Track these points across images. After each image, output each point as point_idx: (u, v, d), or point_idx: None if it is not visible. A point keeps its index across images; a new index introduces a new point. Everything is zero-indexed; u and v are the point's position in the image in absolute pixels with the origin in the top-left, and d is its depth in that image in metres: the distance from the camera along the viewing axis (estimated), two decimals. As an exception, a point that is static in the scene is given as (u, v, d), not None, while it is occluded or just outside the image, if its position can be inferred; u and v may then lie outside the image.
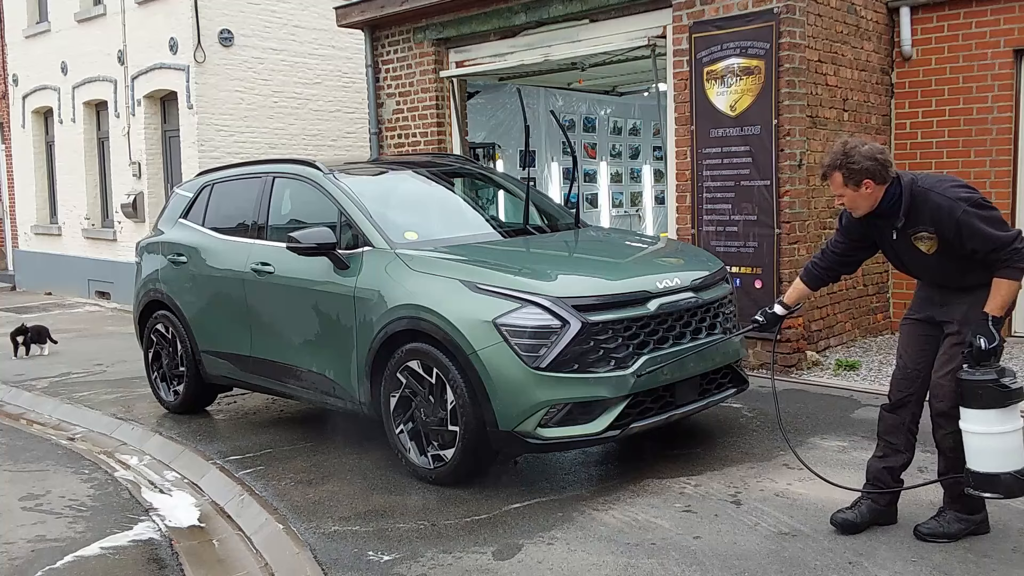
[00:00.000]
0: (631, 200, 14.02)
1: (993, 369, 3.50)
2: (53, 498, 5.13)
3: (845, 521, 3.93)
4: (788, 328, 7.01)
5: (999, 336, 3.54)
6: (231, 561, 4.26)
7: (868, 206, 3.75)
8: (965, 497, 3.72)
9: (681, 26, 7.40)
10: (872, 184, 3.67)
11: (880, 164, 3.66)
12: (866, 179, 3.66)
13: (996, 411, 3.48)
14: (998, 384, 3.45)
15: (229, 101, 12.03)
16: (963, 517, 3.81)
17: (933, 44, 8.01)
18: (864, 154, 3.65)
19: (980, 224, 3.55)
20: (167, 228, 6.75)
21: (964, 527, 3.80)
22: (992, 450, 3.51)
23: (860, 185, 3.68)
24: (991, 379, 3.47)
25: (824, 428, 5.48)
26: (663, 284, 4.72)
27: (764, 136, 6.95)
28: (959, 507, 3.80)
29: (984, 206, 3.61)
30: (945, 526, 3.80)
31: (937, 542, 3.77)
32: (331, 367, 5.28)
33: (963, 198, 3.61)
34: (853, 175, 3.67)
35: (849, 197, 3.74)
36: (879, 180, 3.67)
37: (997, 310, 3.57)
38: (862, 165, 3.64)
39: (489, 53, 9.20)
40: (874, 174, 3.65)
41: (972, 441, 3.57)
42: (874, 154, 3.66)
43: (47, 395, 7.58)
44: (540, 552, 3.85)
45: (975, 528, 3.82)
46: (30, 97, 15.34)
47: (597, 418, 4.42)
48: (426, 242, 5.21)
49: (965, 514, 3.80)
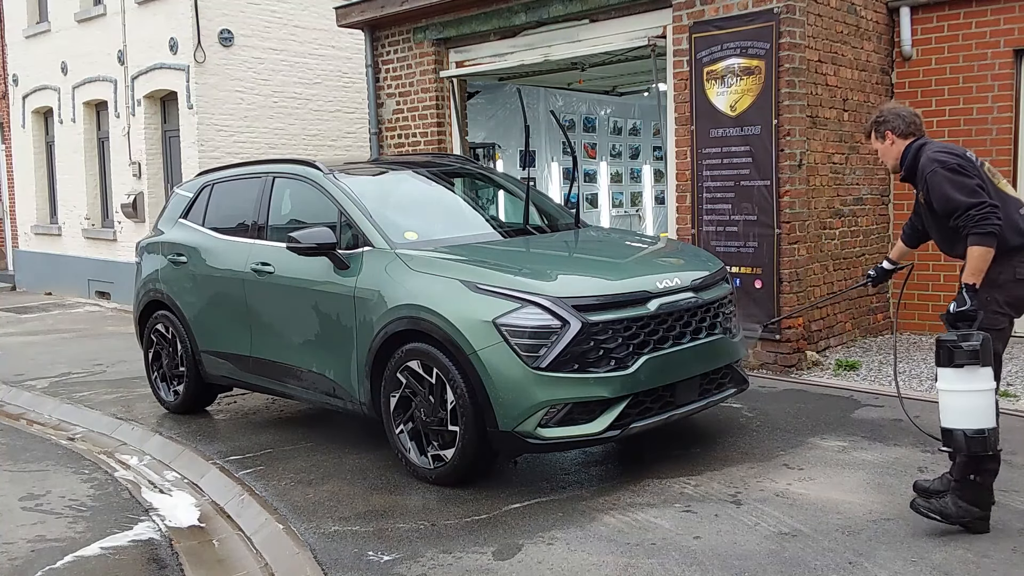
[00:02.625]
0: (631, 200, 14.02)
1: (959, 333, 3.71)
2: (53, 498, 5.13)
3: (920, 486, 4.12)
4: (788, 328, 7.02)
5: (970, 301, 3.72)
6: (231, 561, 4.26)
7: (894, 158, 4.17)
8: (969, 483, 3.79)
9: (681, 26, 7.40)
10: (892, 135, 4.12)
11: (899, 117, 4.12)
12: (887, 130, 4.13)
13: (952, 370, 3.70)
14: (953, 345, 3.67)
15: (229, 101, 12.03)
16: (960, 504, 3.84)
17: (933, 44, 8.02)
18: (889, 108, 4.20)
19: (944, 185, 3.83)
20: (167, 228, 6.75)
21: (960, 513, 3.83)
22: (949, 407, 3.75)
23: (884, 137, 4.15)
24: (949, 340, 3.70)
25: (824, 428, 5.48)
26: (663, 284, 4.72)
27: (764, 136, 6.95)
28: (960, 493, 3.85)
29: (956, 170, 3.84)
30: (942, 505, 3.87)
31: (930, 517, 3.85)
32: (331, 367, 5.28)
33: (939, 160, 3.89)
34: (878, 127, 4.17)
35: (880, 150, 4.22)
36: (898, 133, 4.10)
37: (969, 277, 3.77)
38: (884, 117, 4.15)
39: (489, 53, 9.20)
40: (894, 126, 4.10)
41: (940, 398, 3.81)
42: (898, 110, 4.16)
43: (47, 395, 7.58)
44: (540, 552, 3.85)
45: (972, 523, 3.83)
46: (30, 97, 15.35)
47: (597, 418, 4.42)
48: (426, 242, 5.21)
49: (965, 502, 3.83)
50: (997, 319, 3.88)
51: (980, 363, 3.65)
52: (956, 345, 3.67)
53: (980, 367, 3.66)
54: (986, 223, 3.73)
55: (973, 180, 3.82)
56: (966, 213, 3.76)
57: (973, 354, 3.65)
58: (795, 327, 7.06)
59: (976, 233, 3.75)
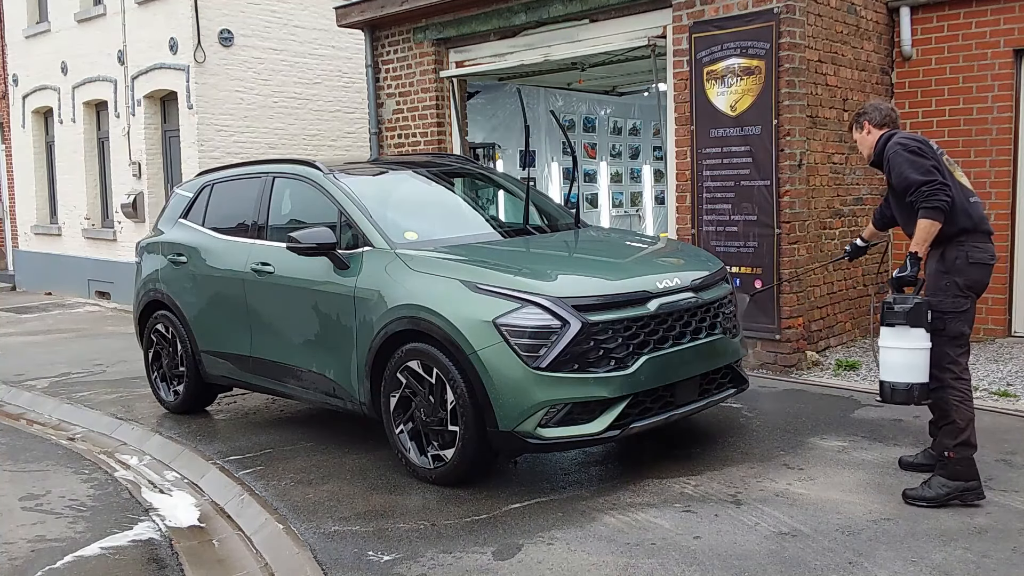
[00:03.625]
0: (631, 200, 14.02)
1: (895, 296, 4.14)
2: (53, 498, 5.13)
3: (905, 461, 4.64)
4: (788, 328, 7.02)
5: (911, 268, 4.11)
6: (231, 561, 4.26)
7: (869, 146, 4.45)
8: (948, 463, 4.13)
9: (681, 26, 7.40)
10: (869, 125, 4.43)
11: (877, 109, 4.43)
12: (865, 120, 4.44)
13: (887, 328, 4.14)
14: (887, 307, 4.13)
15: (229, 101, 12.03)
16: (946, 483, 4.13)
17: (933, 44, 8.02)
18: (870, 103, 4.51)
19: (901, 162, 4.14)
20: (167, 228, 6.75)
21: (945, 493, 4.12)
22: (885, 362, 4.18)
23: (862, 127, 4.46)
24: (887, 302, 4.15)
25: (824, 428, 5.48)
26: (663, 284, 4.72)
27: (764, 136, 6.95)
28: (943, 472, 4.16)
29: (915, 152, 4.14)
30: (927, 491, 4.16)
31: (919, 505, 4.13)
32: (331, 367, 5.28)
33: (900, 143, 4.20)
34: (858, 118, 4.49)
35: (859, 140, 4.51)
36: (874, 123, 4.41)
37: (915, 246, 4.12)
38: (864, 109, 4.47)
39: (489, 53, 9.20)
40: (871, 116, 4.42)
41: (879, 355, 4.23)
42: (877, 104, 4.49)
43: (47, 395, 7.58)
44: (540, 552, 3.85)
45: (963, 495, 4.12)
46: (30, 97, 15.35)
47: (597, 418, 4.42)
48: (426, 242, 5.21)
49: (948, 479, 4.13)
50: (959, 302, 4.19)
51: (909, 324, 4.05)
52: (890, 306, 4.12)
53: (911, 328, 4.06)
54: (934, 198, 4.03)
55: (929, 161, 4.13)
56: (918, 189, 4.07)
57: (903, 314, 4.06)
58: (795, 327, 7.06)
59: (925, 207, 4.05)
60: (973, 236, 4.19)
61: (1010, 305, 7.89)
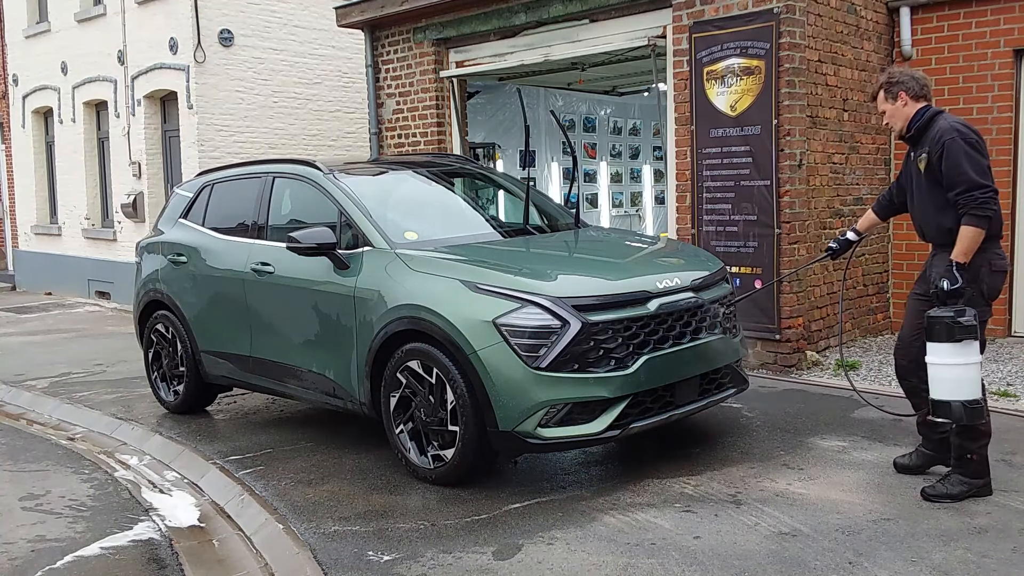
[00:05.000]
0: (631, 200, 14.03)
1: (953, 309, 3.90)
2: (53, 498, 5.13)
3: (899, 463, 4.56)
4: (788, 328, 7.02)
5: (961, 280, 3.90)
6: (231, 561, 4.26)
7: (904, 119, 4.21)
8: (968, 461, 4.09)
9: (681, 26, 7.40)
10: (905, 96, 4.18)
11: (914, 79, 4.19)
12: (901, 91, 4.18)
13: (950, 345, 3.89)
14: (952, 321, 3.87)
15: (229, 101, 12.03)
16: (965, 480, 4.12)
17: (933, 44, 8.02)
18: (901, 71, 4.28)
19: (960, 155, 3.91)
20: (167, 228, 6.75)
21: (966, 489, 4.12)
22: (946, 380, 3.93)
23: (896, 98, 4.20)
24: (948, 316, 3.89)
25: (824, 428, 5.48)
26: (663, 284, 4.72)
27: (764, 136, 6.95)
28: (962, 471, 4.13)
29: (975, 146, 3.94)
30: (948, 488, 4.13)
31: (941, 502, 4.10)
32: (331, 367, 5.28)
33: (959, 131, 3.97)
34: (890, 87, 4.21)
35: (888, 111, 4.26)
36: (911, 94, 4.17)
37: (960, 256, 3.94)
38: (898, 79, 4.21)
39: (489, 53, 9.20)
40: (908, 87, 4.17)
41: (933, 372, 3.99)
42: (912, 72, 4.27)
43: (47, 395, 7.58)
44: (540, 552, 3.85)
45: (978, 491, 4.13)
46: (30, 97, 15.35)
47: (597, 418, 4.42)
48: (426, 242, 5.21)
49: (968, 477, 4.12)
50: (985, 311, 4.12)
51: (974, 337, 3.88)
52: (955, 321, 3.86)
53: (974, 341, 3.89)
54: (987, 207, 3.87)
55: (986, 160, 3.95)
56: (970, 192, 3.88)
57: (970, 329, 3.85)
58: (795, 327, 7.06)
59: (975, 215, 3.88)
60: (994, 243, 4.06)
61: (1010, 305, 7.89)
